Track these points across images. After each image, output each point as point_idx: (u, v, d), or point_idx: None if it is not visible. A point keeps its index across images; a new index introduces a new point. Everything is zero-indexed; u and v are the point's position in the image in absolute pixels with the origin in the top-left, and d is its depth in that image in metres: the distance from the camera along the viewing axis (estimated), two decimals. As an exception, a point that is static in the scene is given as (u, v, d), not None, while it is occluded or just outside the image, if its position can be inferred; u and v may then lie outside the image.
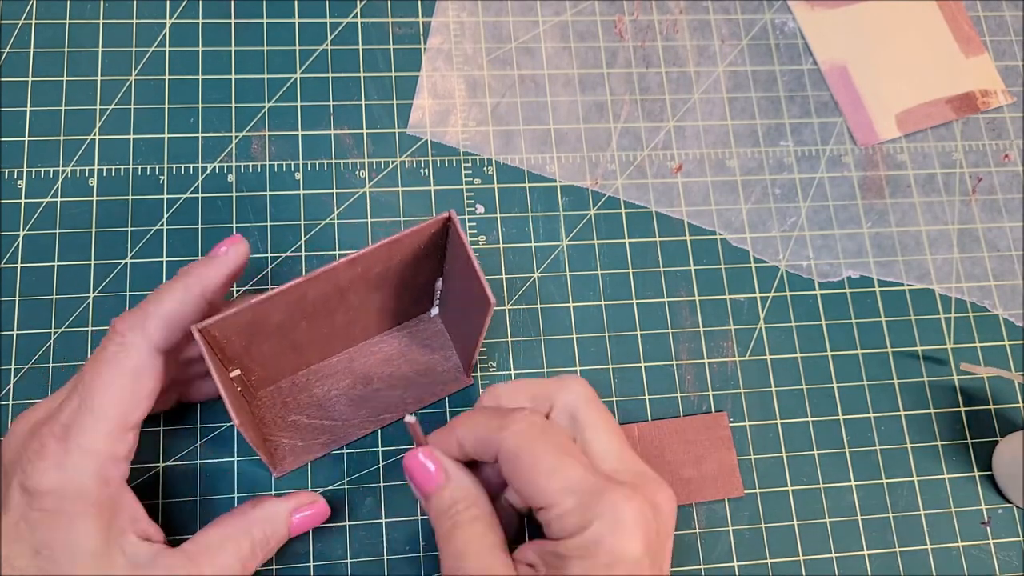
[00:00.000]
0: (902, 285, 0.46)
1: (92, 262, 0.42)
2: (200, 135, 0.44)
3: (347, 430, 0.40)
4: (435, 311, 0.42)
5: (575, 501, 0.30)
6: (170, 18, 0.46)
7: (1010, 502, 0.42)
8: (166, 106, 0.45)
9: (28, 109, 0.44)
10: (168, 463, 0.39)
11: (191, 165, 0.44)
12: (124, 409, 0.31)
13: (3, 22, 0.45)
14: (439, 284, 0.39)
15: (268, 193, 0.44)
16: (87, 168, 0.43)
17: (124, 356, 0.31)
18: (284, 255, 0.43)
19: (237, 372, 0.36)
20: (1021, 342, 0.46)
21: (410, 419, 0.32)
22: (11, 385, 0.40)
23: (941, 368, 0.45)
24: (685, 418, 0.42)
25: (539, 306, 0.44)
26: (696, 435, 0.42)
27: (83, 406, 0.30)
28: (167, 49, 0.46)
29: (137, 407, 0.31)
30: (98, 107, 0.44)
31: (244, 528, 0.33)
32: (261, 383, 0.39)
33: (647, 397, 0.43)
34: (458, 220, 0.32)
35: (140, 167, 0.43)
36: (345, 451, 0.40)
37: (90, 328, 0.41)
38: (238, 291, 0.42)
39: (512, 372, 0.42)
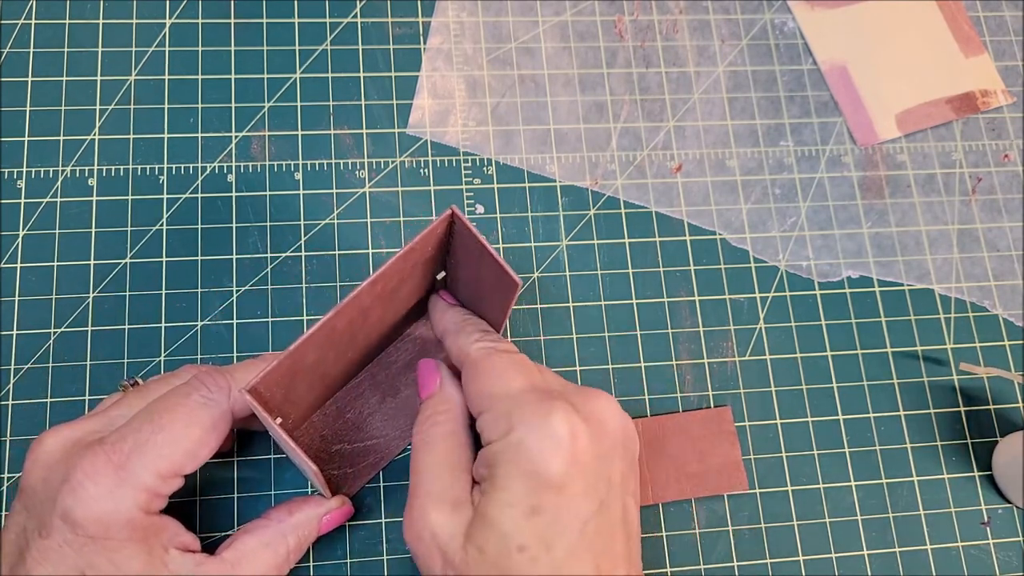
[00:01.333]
0: (902, 285, 0.46)
1: (92, 262, 0.42)
2: (200, 135, 0.44)
3: (390, 444, 0.40)
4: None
5: (507, 405, 0.31)
6: (170, 18, 0.46)
7: (1010, 502, 0.42)
8: (166, 106, 0.45)
9: (28, 109, 0.44)
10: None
11: (191, 165, 0.44)
12: (183, 459, 0.31)
13: (3, 22, 0.45)
14: (441, 279, 0.39)
15: (268, 193, 0.44)
16: (87, 168, 0.43)
17: (203, 411, 0.32)
18: (284, 255, 0.43)
19: (279, 421, 0.35)
20: (1021, 342, 0.46)
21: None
22: (11, 385, 0.40)
23: (941, 368, 0.45)
24: (688, 413, 0.42)
25: (539, 306, 0.44)
26: (700, 430, 0.42)
27: (150, 442, 0.30)
28: (167, 49, 0.46)
29: (195, 458, 0.32)
30: (98, 107, 0.44)
31: (281, 534, 0.34)
32: (296, 424, 0.39)
33: (647, 397, 0.43)
34: (463, 213, 0.32)
35: (140, 167, 0.43)
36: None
37: (90, 328, 0.41)
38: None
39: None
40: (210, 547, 0.34)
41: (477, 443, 0.34)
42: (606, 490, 0.31)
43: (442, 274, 0.38)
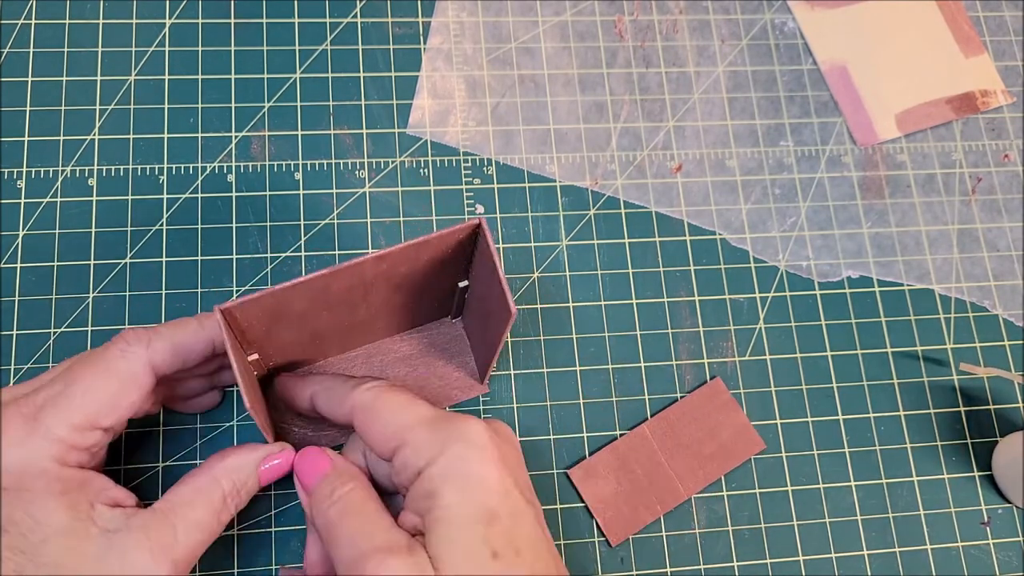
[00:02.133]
0: (902, 285, 0.46)
1: (92, 262, 0.42)
2: (200, 135, 0.44)
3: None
4: (456, 317, 0.42)
5: (427, 431, 0.31)
6: (170, 18, 0.46)
7: (1010, 502, 0.42)
8: (166, 106, 0.45)
9: (28, 109, 0.44)
10: (167, 463, 0.39)
11: (191, 165, 0.44)
12: (99, 409, 0.31)
13: (3, 22, 0.45)
14: (462, 288, 0.39)
15: (268, 193, 0.44)
16: (87, 168, 0.43)
17: (120, 362, 0.32)
18: (284, 255, 0.43)
19: (255, 356, 0.36)
20: (1021, 342, 0.46)
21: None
22: (10, 385, 0.40)
23: (941, 368, 0.45)
24: (683, 399, 0.42)
25: (539, 306, 0.44)
26: (701, 409, 0.42)
27: (62, 394, 0.30)
28: (167, 49, 0.46)
29: (112, 412, 0.31)
30: (98, 107, 0.44)
31: (213, 479, 0.33)
32: (279, 370, 0.39)
33: (647, 397, 0.43)
34: (488, 228, 0.32)
35: (140, 167, 0.43)
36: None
37: (89, 328, 0.41)
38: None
39: (512, 372, 0.42)
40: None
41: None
42: (530, 491, 0.32)
43: (464, 283, 0.38)
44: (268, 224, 0.43)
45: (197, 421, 0.40)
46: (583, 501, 0.40)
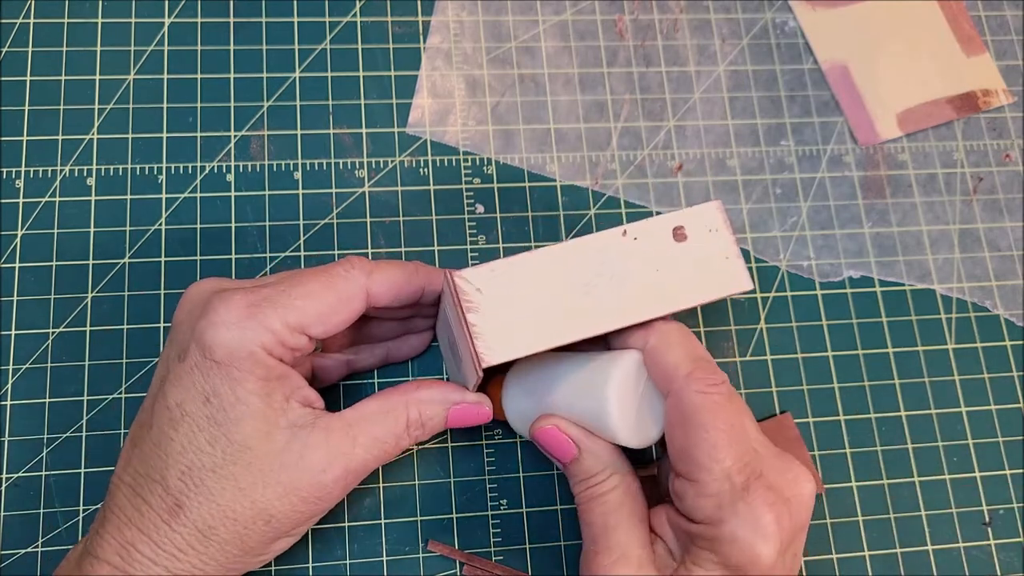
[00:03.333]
0: (903, 285, 0.46)
1: (90, 262, 0.42)
2: (199, 134, 0.44)
3: None
4: None
5: (719, 488, 0.30)
6: (169, 17, 0.46)
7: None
8: (165, 105, 0.44)
9: (26, 108, 0.44)
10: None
11: (190, 165, 0.44)
12: (312, 316, 0.32)
13: (2, 21, 0.45)
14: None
15: (267, 193, 0.44)
16: (85, 168, 0.43)
17: (342, 281, 0.33)
18: (283, 255, 0.43)
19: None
20: (1021, 342, 0.46)
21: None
22: (9, 385, 0.40)
23: (942, 368, 0.45)
24: None
25: (539, 306, 0.43)
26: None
27: (283, 293, 0.32)
28: (166, 48, 0.45)
29: (321, 322, 0.33)
30: (96, 106, 0.44)
31: (403, 404, 0.34)
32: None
33: (647, 397, 0.42)
34: (456, 285, 0.32)
35: (139, 167, 0.43)
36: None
37: (88, 328, 0.41)
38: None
39: (512, 372, 0.42)
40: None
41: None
42: (793, 562, 0.31)
43: None
44: (267, 224, 0.43)
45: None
46: None
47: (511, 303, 0.31)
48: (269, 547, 0.33)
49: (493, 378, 0.38)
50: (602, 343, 0.35)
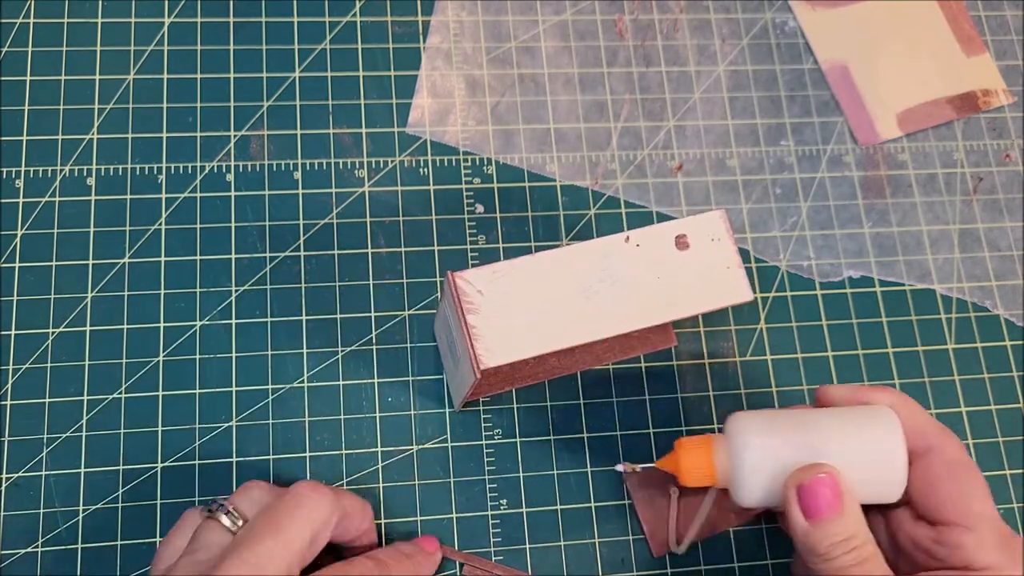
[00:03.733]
0: (903, 285, 0.46)
1: (90, 262, 0.42)
2: (199, 134, 0.44)
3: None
4: None
5: (992, 533, 0.31)
6: (168, 17, 0.46)
7: None
8: (164, 105, 0.44)
9: (26, 108, 0.44)
10: (167, 464, 0.39)
11: (189, 164, 0.44)
12: (306, 548, 0.31)
13: (2, 21, 0.45)
14: None
15: (267, 192, 0.44)
16: (85, 167, 0.43)
17: (315, 512, 0.32)
18: (283, 255, 0.43)
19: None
20: (1021, 342, 0.46)
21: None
22: (9, 385, 0.40)
23: (942, 368, 0.45)
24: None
25: (539, 306, 0.43)
26: None
27: (277, 539, 0.31)
28: (165, 48, 0.45)
29: (306, 555, 0.32)
30: (96, 106, 0.44)
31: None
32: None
33: (647, 397, 0.42)
34: (457, 286, 0.32)
35: (138, 166, 0.43)
36: (344, 451, 0.40)
37: (88, 328, 0.41)
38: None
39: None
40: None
41: None
42: None
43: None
44: (267, 224, 0.43)
45: (196, 421, 0.40)
46: (631, 504, 0.40)
47: (511, 306, 0.31)
48: None
49: (687, 440, 0.35)
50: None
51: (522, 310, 0.32)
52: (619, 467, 0.38)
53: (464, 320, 0.31)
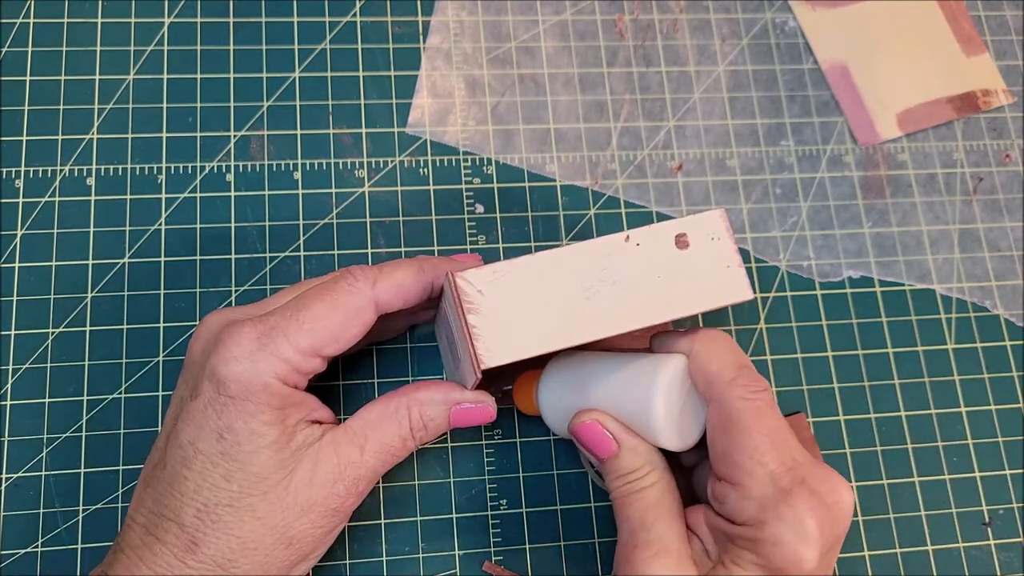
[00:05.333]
0: (903, 285, 0.46)
1: (90, 262, 0.42)
2: (198, 134, 0.44)
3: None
4: None
5: (762, 491, 0.30)
6: (168, 17, 0.46)
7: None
8: (164, 105, 0.44)
9: (26, 108, 0.44)
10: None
11: (189, 164, 0.44)
12: (325, 338, 0.32)
13: (1, 21, 0.45)
14: None
15: (267, 193, 0.44)
16: (85, 167, 0.43)
17: (348, 296, 0.33)
18: (283, 255, 0.43)
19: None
20: (1021, 342, 0.46)
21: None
22: (9, 385, 0.40)
23: (942, 368, 0.45)
24: None
25: (539, 306, 0.43)
26: None
27: (294, 318, 0.32)
28: (165, 48, 0.45)
29: (335, 342, 0.32)
30: (96, 106, 0.44)
31: (404, 407, 0.34)
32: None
33: (647, 397, 0.42)
34: (457, 285, 0.32)
35: (138, 167, 0.43)
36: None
37: (88, 328, 0.41)
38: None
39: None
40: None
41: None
42: (827, 569, 0.32)
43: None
44: (267, 224, 0.43)
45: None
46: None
47: (512, 306, 0.32)
48: (291, 572, 0.33)
49: (526, 372, 0.38)
50: (637, 347, 0.35)
51: (523, 310, 0.32)
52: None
53: (464, 320, 0.31)
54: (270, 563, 0.31)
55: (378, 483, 0.40)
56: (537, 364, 0.37)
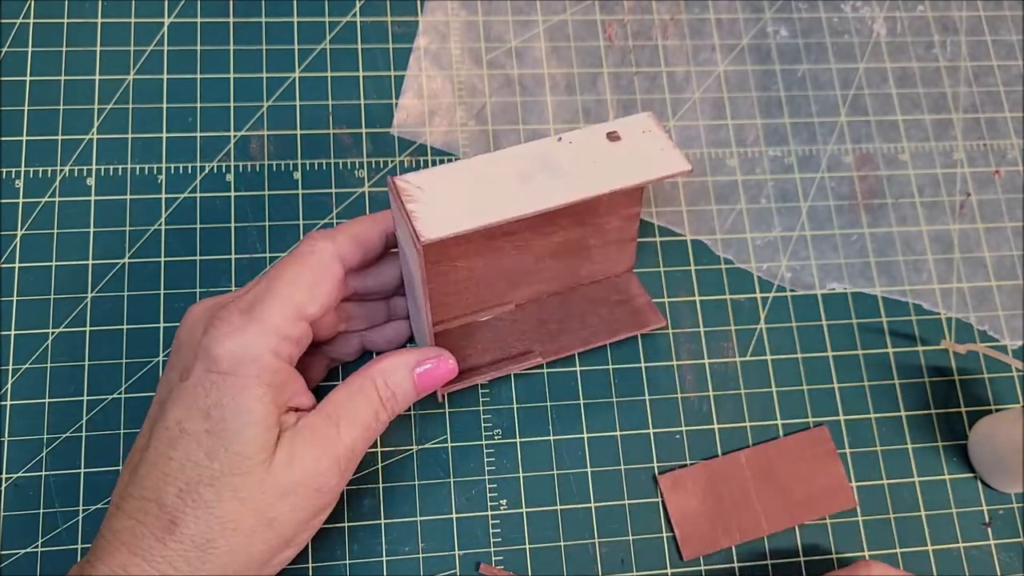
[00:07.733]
0: (903, 285, 0.46)
1: (90, 262, 0.42)
2: (198, 134, 0.44)
3: (516, 359, 0.41)
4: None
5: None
6: (168, 17, 0.46)
7: (988, 485, 0.42)
8: (164, 105, 0.44)
9: (26, 108, 0.44)
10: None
11: (189, 165, 0.44)
12: (303, 299, 0.33)
13: (2, 21, 0.45)
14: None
15: (266, 193, 0.44)
16: (85, 168, 0.43)
17: (310, 255, 0.34)
18: (283, 255, 0.43)
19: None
20: (1021, 343, 0.46)
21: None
22: (9, 385, 0.40)
23: (941, 368, 0.45)
24: (787, 437, 0.42)
25: (539, 306, 0.43)
26: (801, 453, 0.42)
27: (268, 289, 0.33)
28: (165, 48, 0.45)
29: (314, 301, 0.33)
30: (96, 106, 0.44)
31: (368, 380, 0.34)
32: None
33: (647, 398, 0.42)
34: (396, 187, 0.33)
35: (138, 167, 0.43)
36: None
37: (88, 328, 0.41)
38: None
39: (511, 374, 0.42)
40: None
41: None
42: None
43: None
44: (267, 224, 0.43)
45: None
46: (664, 507, 0.41)
47: (451, 194, 0.32)
48: (274, 558, 0.33)
49: None
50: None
51: (460, 196, 0.33)
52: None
53: (405, 209, 0.32)
54: (252, 544, 0.31)
55: (378, 483, 0.40)
56: None
